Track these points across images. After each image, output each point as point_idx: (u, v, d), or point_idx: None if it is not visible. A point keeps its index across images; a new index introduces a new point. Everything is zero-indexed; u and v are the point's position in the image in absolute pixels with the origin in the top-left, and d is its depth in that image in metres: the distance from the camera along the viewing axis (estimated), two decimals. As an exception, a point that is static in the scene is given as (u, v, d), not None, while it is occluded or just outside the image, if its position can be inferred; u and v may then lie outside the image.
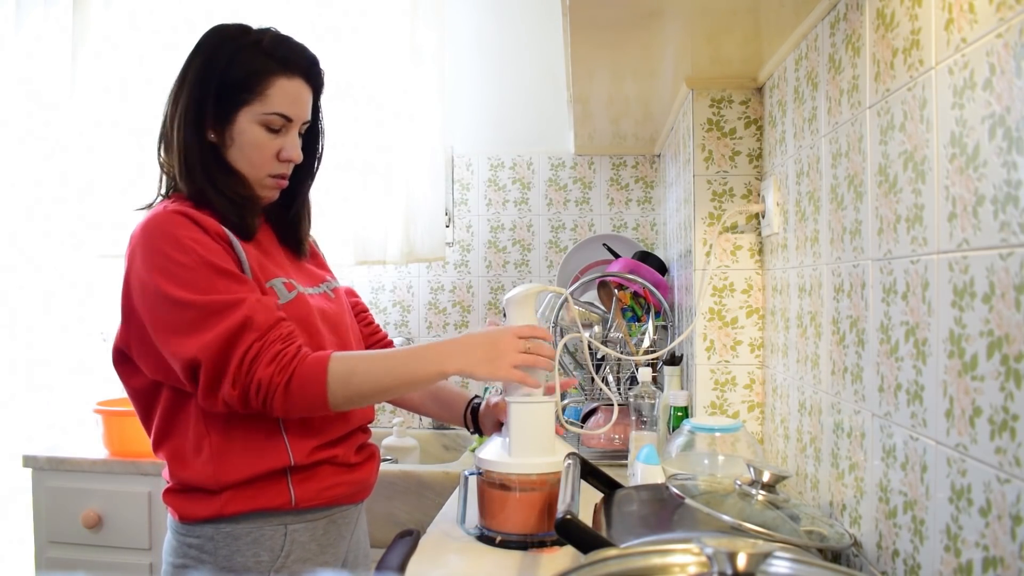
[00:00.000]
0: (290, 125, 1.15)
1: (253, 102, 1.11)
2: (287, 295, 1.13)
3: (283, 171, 1.17)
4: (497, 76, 2.52)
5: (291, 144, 1.16)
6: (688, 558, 0.60)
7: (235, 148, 1.13)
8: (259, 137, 1.13)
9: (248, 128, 1.12)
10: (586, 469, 1.14)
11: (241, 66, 1.11)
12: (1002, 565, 0.65)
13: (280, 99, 1.12)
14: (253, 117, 1.11)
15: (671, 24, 1.28)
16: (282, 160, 1.15)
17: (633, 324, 1.93)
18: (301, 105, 1.15)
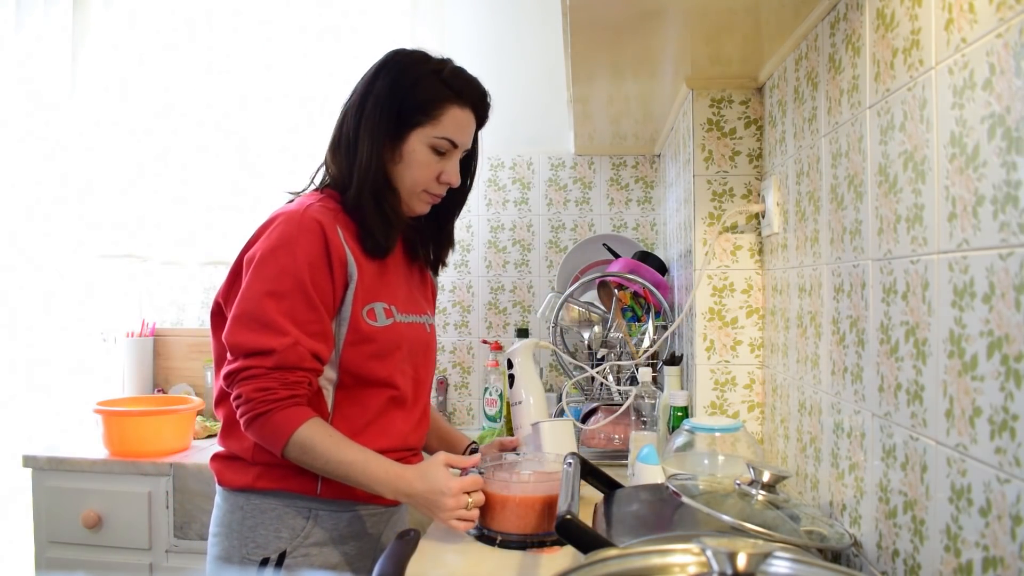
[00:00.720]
0: (454, 151, 1.25)
1: (427, 125, 1.21)
2: (384, 320, 1.22)
3: (439, 192, 1.27)
4: (497, 76, 2.51)
5: (452, 169, 1.26)
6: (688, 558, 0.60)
7: (402, 165, 1.22)
8: (426, 158, 1.22)
9: (418, 148, 1.22)
10: (586, 469, 1.15)
11: (423, 90, 1.21)
12: (1002, 565, 0.65)
13: (451, 125, 1.22)
14: (424, 139, 1.21)
15: (671, 24, 1.28)
16: (442, 182, 1.26)
17: (633, 324, 1.93)
18: (467, 133, 1.25)
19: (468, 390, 2.54)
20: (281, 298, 1.12)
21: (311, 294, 1.13)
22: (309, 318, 1.14)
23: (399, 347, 1.23)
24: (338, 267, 1.16)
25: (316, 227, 1.15)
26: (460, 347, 2.54)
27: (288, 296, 1.13)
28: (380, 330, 1.20)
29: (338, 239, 1.17)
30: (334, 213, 1.20)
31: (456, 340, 2.54)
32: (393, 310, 1.24)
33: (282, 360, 1.11)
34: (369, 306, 1.20)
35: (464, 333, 2.54)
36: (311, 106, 2.47)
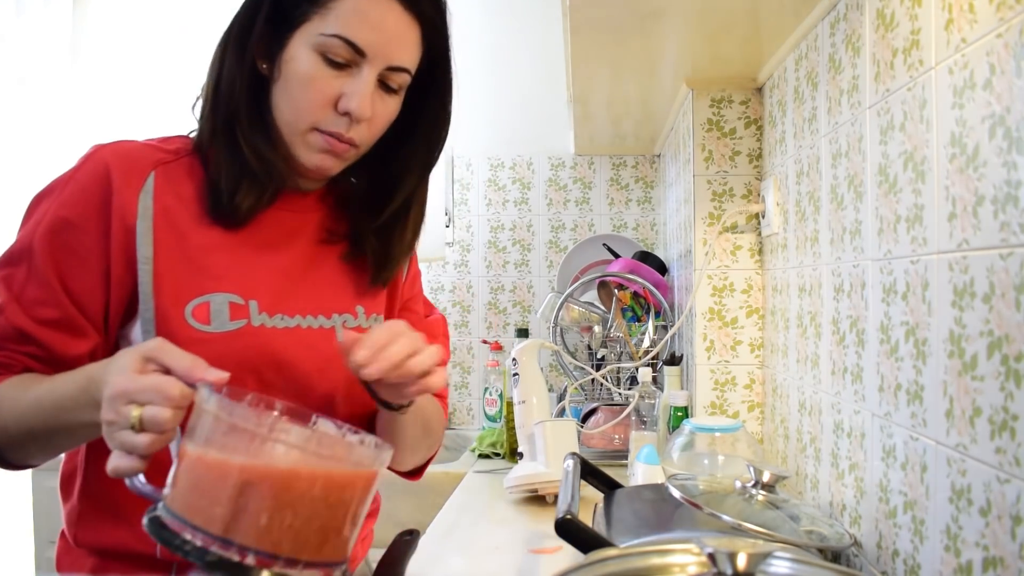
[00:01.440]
0: (362, 62, 0.79)
1: (313, 17, 0.78)
2: (225, 324, 0.80)
3: (338, 128, 0.80)
4: (497, 76, 2.52)
5: (356, 90, 0.79)
6: (688, 558, 0.60)
7: (280, 83, 0.80)
8: (311, 69, 0.78)
9: (300, 55, 0.79)
10: (586, 469, 1.15)
11: None
12: (1002, 565, 0.65)
13: (350, 18, 0.77)
14: (309, 40, 0.78)
15: (671, 24, 1.28)
16: (340, 111, 0.79)
17: (633, 324, 1.93)
18: (386, 36, 0.79)
19: (468, 390, 2.54)
20: (13, 264, 0.78)
21: (45, 267, 0.77)
22: (37, 297, 0.77)
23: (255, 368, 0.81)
24: (118, 235, 0.78)
25: (100, 171, 0.78)
26: (460, 347, 2.54)
27: (20, 263, 0.78)
28: (215, 337, 0.79)
29: (132, 193, 0.78)
30: (167, 158, 0.82)
31: (456, 340, 2.54)
32: (252, 307, 0.82)
33: None
34: (198, 300, 0.79)
35: (464, 333, 2.54)
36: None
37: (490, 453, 1.93)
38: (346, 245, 0.91)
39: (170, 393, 0.60)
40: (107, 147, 0.81)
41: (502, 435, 1.94)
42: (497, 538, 1.19)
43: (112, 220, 0.78)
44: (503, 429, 1.93)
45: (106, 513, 0.82)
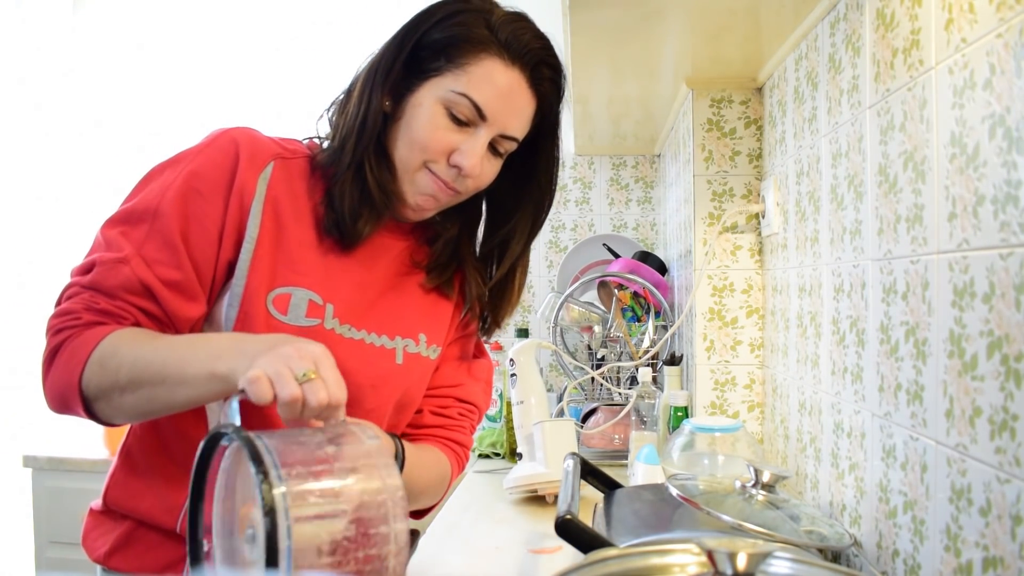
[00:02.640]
0: (481, 124, 0.86)
1: (446, 73, 0.84)
2: (303, 319, 0.85)
3: (447, 177, 0.87)
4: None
5: (471, 148, 0.85)
6: (688, 558, 0.60)
7: (403, 123, 0.86)
8: (435, 118, 0.84)
9: (427, 103, 0.85)
10: (586, 469, 1.15)
11: (453, 27, 0.85)
12: (1002, 565, 0.65)
13: (481, 82, 0.84)
14: (439, 92, 0.84)
15: (671, 24, 1.28)
16: (452, 164, 0.86)
17: (633, 324, 1.93)
18: (508, 105, 0.86)
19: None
20: (135, 222, 0.81)
21: (173, 228, 0.81)
22: (161, 257, 0.80)
23: None
24: (234, 210, 0.83)
25: (229, 149, 0.84)
26: (460, 347, 2.54)
27: (144, 221, 0.81)
28: (288, 330, 0.84)
29: (254, 179, 0.84)
30: (287, 154, 0.89)
31: (456, 340, 2.54)
32: (328, 310, 0.87)
33: (98, 278, 0.79)
34: (284, 290, 0.84)
35: (464, 333, 2.54)
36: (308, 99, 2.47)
37: (490, 453, 1.93)
38: (423, 275, 0.97)
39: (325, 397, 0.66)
40: (237, 129, 0.87)
41: (502, 435, 1.94)
42: (497, 538, 1.19)
43: (232, 196, 0.83)
44: (503, 429, 1.93)
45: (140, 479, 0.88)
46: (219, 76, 2.52)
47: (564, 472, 1.05)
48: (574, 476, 1.02)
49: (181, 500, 0.84)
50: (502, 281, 1.00)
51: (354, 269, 0.91)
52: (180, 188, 0.82)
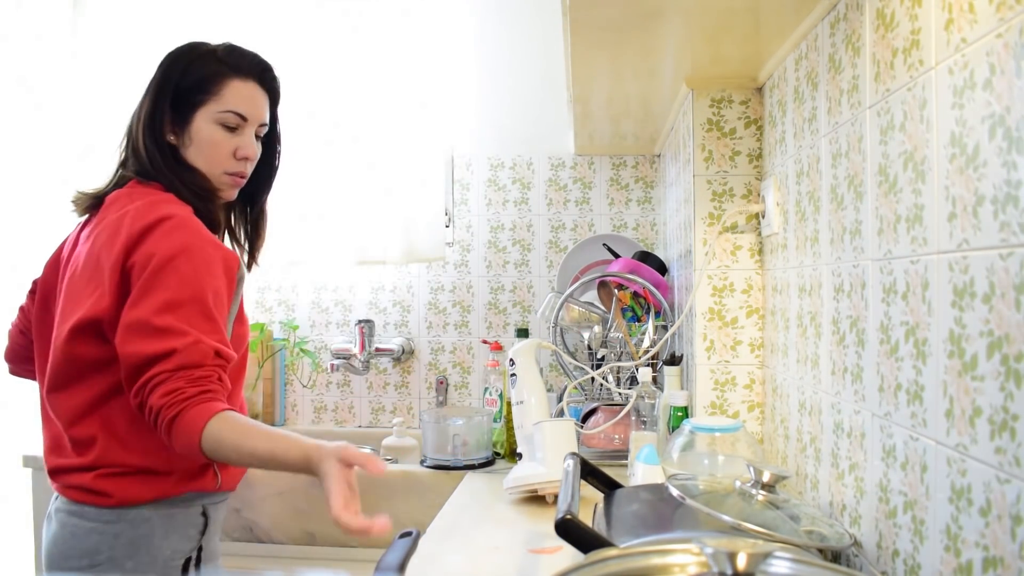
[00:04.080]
0: (245, 124, 1.24)
1: (209, 102, 1.21)
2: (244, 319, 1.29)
3: (239, 168, 1.25)
4: (497, 76, 2.52)
5: (247, 142, 1.24)
6: (688, 558, 0.60)
7: (193, 147, 1.22)
8: (215, 135, 1.22)
9: (205, 127, 1.21)
10: (586, 469, 1.15)
11: (197, 71, 1.21)
12: (1002, 565, 0.65)
13: (234, 98, 1.22)
14: (209, 116, 1.21)
15: (671, 24, 1.28)
16: (239, 158, 1.24)
17: (633, 324, 1.93)
18: (256, 105, 1.25)
19: (468, 390, 2.54)
20: (179, 308, 1.09)
21: (209, 305, 1.11)
22: (208, 328, 1.10)
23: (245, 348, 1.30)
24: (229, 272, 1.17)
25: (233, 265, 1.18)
26: (460, 347, 2.54)
27: (186, 306, 1.09)
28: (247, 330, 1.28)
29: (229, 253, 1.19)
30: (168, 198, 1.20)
31: (456, 340, 2.54)
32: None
33: (185, 360, 1.06)
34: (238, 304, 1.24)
35: (464, 333, 2.54)
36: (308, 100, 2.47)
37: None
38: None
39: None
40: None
41: (502, 435, 1.94)
42: (497, 538, 1.19)
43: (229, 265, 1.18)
44: (503, 429, 1.93)
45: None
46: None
47: (564, 472, 1.05)
48: (574, 476, 1.02)
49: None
50: (256, 222, 1.39)
51: None
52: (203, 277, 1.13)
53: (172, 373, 1.05)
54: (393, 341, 2.51)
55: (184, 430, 1.03)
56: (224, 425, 1.04)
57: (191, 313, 1.08)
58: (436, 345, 2.54)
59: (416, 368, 2.54)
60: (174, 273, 1.09)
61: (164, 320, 1.07)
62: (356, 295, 2.55)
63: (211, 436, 1.03)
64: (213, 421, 1.03)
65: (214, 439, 1.03)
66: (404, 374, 2.55)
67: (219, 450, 1.04)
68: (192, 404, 1.04)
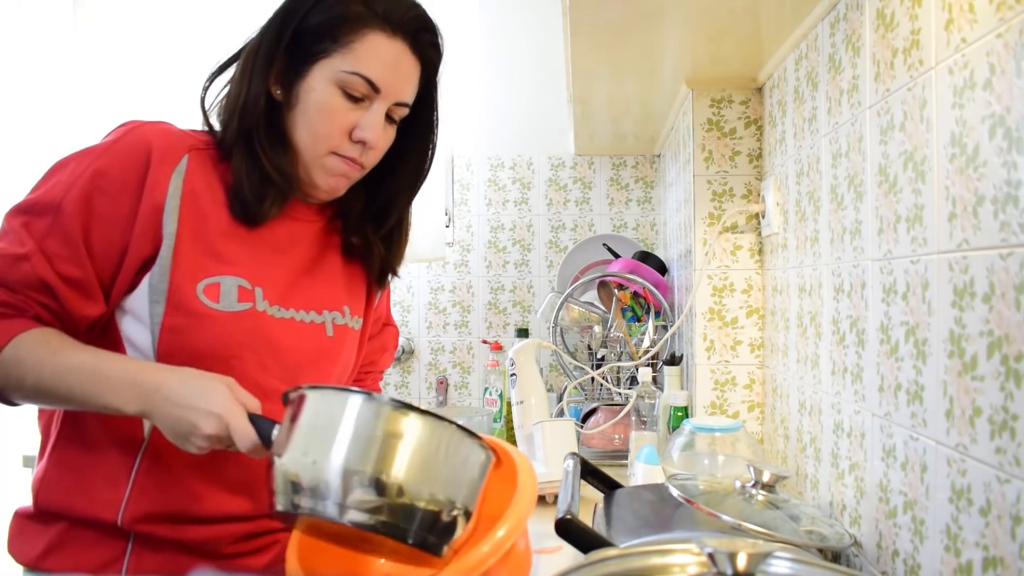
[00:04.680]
0: (375, 97, 0.88)
1: (333, 54, 0.86)
2: (235, 304, 0.87)
3: (352, 154, 0.90)
4: (497, 76, 2.52)
5: (371, 121, 0.88)
6: (688, 558, 0.60)
7: (298, 110, 0.88)
8: (331, 100, 0.87)
9: (320, 86, 0.86)
10: (586, 469, 1.15)
11: (330, 7, 0.87)
12: (1002, 565, 0.65)
13: (369, 58, 0.86)
14: (330, 74, 0.86)
15: (671, 24, 1.28)
16: (354, 140, 0.89)
17: (633, 324, 1.93)
18: (398, 75, 0.89)
19: (468, 390, 2.54)
20: (38, 214, 0.81)
21: (75, 226, 0.81)
22: (62, 254, 0.81)
23: (254, 350, 0.88)
24: (146, 210, 0.83)
25: (142, 148, 0.84)
26: (460, 347, 2.54)
27: (47, 215, 0.81)
28: (224, 317, 0.85)
29: (166, 177, 0.84)
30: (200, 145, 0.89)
31: (456, 340, 2.54)
32: (257, 293, 0.89)
33: (1, 272, 0.80)
34: (212, 279, 0.86)
35: (464, 333, 2.54)
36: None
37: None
38: (340, 254, 1.02)
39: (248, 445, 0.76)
40: (148, 125, 0.87)
41: (502, 435, 1.94)
42: (497, 538, 1.19)
43: (144, 194, 0.83)
44: (503, 429, 1.93)
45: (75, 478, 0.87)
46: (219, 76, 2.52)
47: (564, 472, 1.05)
48: (574, 476, 1.02)
49: (121, 493, 0.86)
50: (391, 232, 1.04)
51: (276, 253, 0.94)
52: (85, 186, 0.82)
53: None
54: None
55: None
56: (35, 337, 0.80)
57: (47, 226, 0.80)
58: (436, 345, 2.54)
59: (416, 368, 2.54)
60: (60, 172, 0.83)
61: (13, 221, 0.82)
62: (356, 295, 2.55)
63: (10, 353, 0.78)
64: (22, 335, 0.79)
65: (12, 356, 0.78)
66: (404, 374, 2.55)
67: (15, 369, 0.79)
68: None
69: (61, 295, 0.81)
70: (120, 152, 0.84)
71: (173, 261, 0.84)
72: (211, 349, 0.85)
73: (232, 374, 0.83)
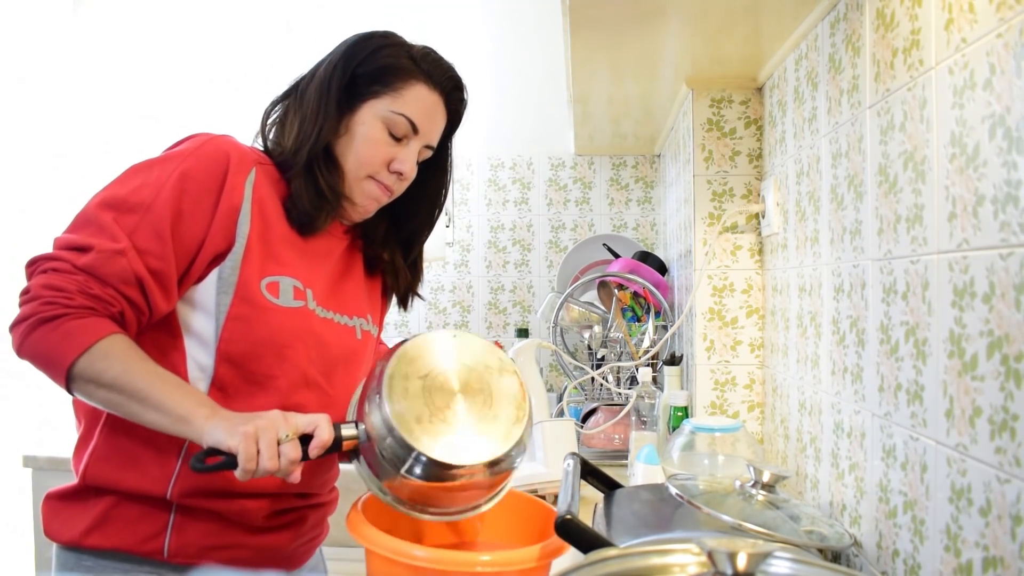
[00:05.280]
0: (412, 138, 1.04)
1: (384, 96, 1.02)
2: (291, 301, 0.97)
3: (388, 182, 1.04)
4: (497, 76, 2.52)
5: (407, 156, 1.04)
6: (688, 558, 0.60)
7: (347, 138, 1.02)
8: (378, 134, 1.01)
9: (369, 120, 1.01)
10: (586, 469, 1.14)
11: (385, 57, 1.03)
12: (1002, 565, 0.65)
13: (413, 103, 1.03)
14: (379, 112, 1.01)
15: (671, 24, 1.28)
16: (392, 171, 1.03)
17: (633, 324, 1.93)
18: (432, 121, 1.06)
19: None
20: (128, 211, 0.88)
21: (165, 225, 0.89)
22: (152, 248, 0.88)
23: (304, 342, 0.98)
24: (224, 212, 0.93)
25: (220, 156, 0.94)
26: (460, 347, 2.54)
27: (137, 212, 0.88)
28: (282, 311, 0.96)
29: (241, 184, 0.95)
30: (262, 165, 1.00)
31: (456, 340, 2.54)
32: (309, 294, 1.01)
33: (96, 264, 0.86)
34: (273, 278, 0.97)
35: (464, 333, 2.54)
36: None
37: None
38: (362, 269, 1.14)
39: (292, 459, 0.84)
40: (222, 137, 0.97)
41: (502, 435, 1.93)
42: (497, 538, 1.19)
43: (223, 196, 0.93)
44: (503, 429, 1.93)
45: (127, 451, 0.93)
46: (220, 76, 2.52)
47: (564, 472, 1.05)
48: (574, 476, 1.02)
49: (172, 468, 0.92)
50: (416, 260, 1.20)
51: (322, 260, 1.06)
52: (174, 187, 0.90)
53: (75, 271, 0.87)
54: (393, 341, 2.50)
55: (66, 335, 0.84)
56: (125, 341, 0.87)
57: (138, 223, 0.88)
58: (436, 345, 2.54)
59: (416, 368, 2.54)
60: (145, 174, 0.91)
61: (105, 216, 0.88)
62: (356, 295, 2.55)
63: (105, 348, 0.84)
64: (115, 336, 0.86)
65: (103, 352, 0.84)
66: (404, 374, 2.55)
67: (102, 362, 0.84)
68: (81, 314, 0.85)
69: (148, 289, 0.89)
70: (203, 157, 0.93)
71: (244, 258, 0.94)
72: (269, 338, 0.95)
73: (285, 363, 0.96)
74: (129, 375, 0.85)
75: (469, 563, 0.86)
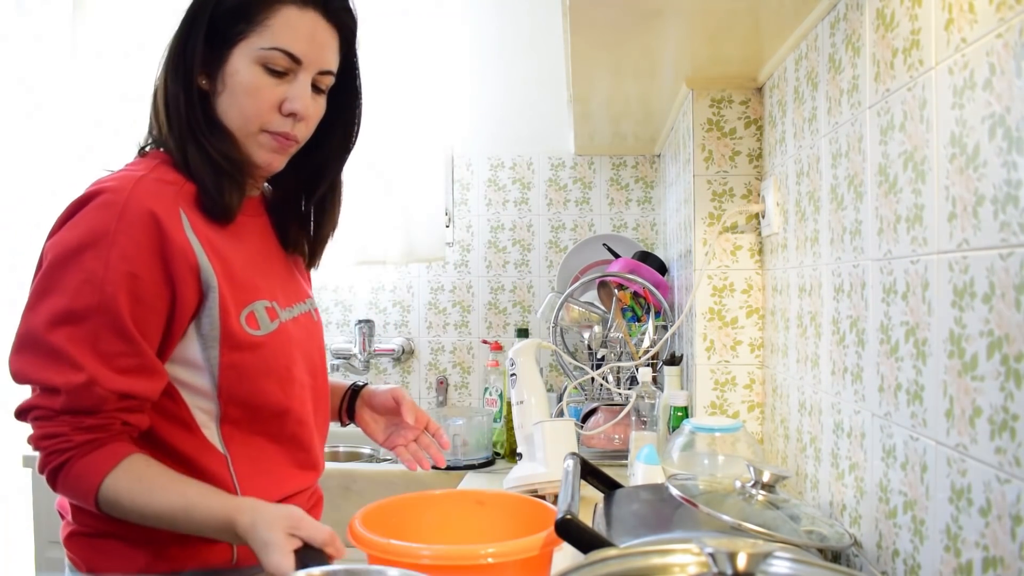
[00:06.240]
0: (298, 69, 0.91)
1: (250, 35, 0.89)
2: (268, 325, 0.93)
3: (284, 128, 0.92)
4: (497, 76, 2.52)
5: (298, 93, 0.91)
6: (688, 558, 0.60)
7: (226, 95, 0.91)
8: (255, 79, 0.89)
9: (243, 68, 0.89)
10: (586, 469, 1.14)
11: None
12: (1002, 565, 0.65)
13: (285, 32, 0.89)
14: (250, 54, 0.89)
15: (671, 24, 1.28)
16: (285, 113, 0.91)
17: (633, 324, 1.93)
18: (316, 45, 0.92)
19: (468, 390, 2.54)
20: (78, 321, 0.81)
21: (123, 319, 0.82)
22: (118, 350, 0.83)
23: (290, 356, 0.96)
24: (183, 275, 0.85)
25: (146, 219, 0.83)
26: (460, 347, 2.54)
27: (89, 319, 0.81)
28: (265, 339, 0.92)
29: (182, 234, 0.85)
30: (175, 188, 0.88)
31: (456, 340, 2.54)
32: (276, 307, 0.96)
33: (71, 403, 0.82)
34: (249, 309, 0.92)
35: (464, 333, 2.54)
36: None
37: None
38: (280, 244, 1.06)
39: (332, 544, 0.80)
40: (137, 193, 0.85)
41: (503, 435, 1.94)
42: (497, 538, 1.19)
43: (173, 263, 0.85)
44: (503, 429, 1.93)
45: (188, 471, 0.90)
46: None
47: (564, 472, 1.05)
48: (574, 476, 1.02)
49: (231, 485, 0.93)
50: (322, 200, 1.06)
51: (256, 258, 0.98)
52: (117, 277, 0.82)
53: (56, 414, 0.82)
54: (393, 341, 2.51)
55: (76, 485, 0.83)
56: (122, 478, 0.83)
57: (93, 330, 0.81)
58: (436, 345, 2.54)
59: (416, 368, 2.54)
60: (78, 270, 0.82)
61: (56, 337, 0.81)
62: (356, 295, 2.55)
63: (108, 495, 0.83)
64: (111, 476, 0.82)
65: (111, 498, 0.83)
66: (404, 374, 2.55)
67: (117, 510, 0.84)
68: (81, 453, 0.83)
69: (135, 391, 0.84)
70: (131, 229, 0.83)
71: (220, 308, 0.88)
72: (267, 369, 0.92)
73: (292, 385, 0.94)
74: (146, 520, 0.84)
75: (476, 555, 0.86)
